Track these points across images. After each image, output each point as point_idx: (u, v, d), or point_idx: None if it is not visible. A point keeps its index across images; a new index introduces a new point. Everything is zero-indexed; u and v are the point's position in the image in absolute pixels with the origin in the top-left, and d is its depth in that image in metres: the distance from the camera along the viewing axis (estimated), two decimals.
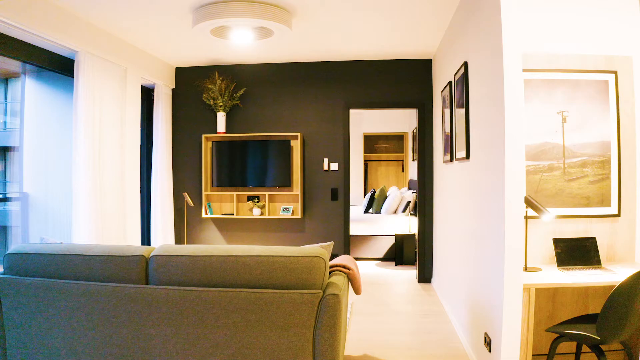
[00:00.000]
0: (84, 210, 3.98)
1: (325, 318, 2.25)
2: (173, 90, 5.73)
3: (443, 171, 4.49)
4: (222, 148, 5.46)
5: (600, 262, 2.82)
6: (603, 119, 2.95)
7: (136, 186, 4.91)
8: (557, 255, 2.84)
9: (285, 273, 2.34)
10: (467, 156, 3.24)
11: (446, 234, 4.34)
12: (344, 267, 2.83)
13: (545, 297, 2.92)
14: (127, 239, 4.70)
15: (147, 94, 5.53)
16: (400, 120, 9.62)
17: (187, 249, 2.48)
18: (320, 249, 2.45)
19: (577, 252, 2.85)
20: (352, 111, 9.67)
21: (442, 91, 4.42)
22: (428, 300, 4.62)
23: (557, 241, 2.87)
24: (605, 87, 2.96)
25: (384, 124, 9.65)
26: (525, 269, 2.71)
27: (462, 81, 3.37)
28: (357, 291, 2.97)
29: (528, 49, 2.87)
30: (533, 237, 2.90)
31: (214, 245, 2.56)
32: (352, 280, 2.88)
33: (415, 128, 5.47)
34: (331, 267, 2.84)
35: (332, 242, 2.80)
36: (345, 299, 2.58)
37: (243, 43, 4.58)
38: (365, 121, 9.69)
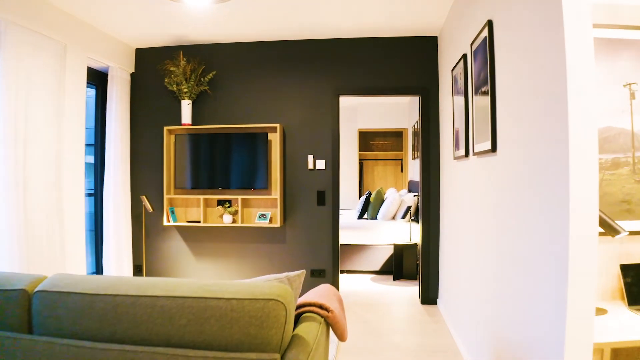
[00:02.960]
0: None
1: None
2: (132, 75, 4.85)
3: (453, 169, 3.63)
4: (187, 143, 4.58)
5: None
6: None
7: (79, 191, 4.02)
8: (627, 288, 1.98)
9: (224, 325, 1.51)
10: (493, 148, 2.37)
11: (457, 247, 3.47)
12: (321, 306, 1.95)
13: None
14: (67, 259, 3.80)
15: (102, 79, 4.64)
16: (399, 115, 8.75)
17: (87, 281, 1.66)
18: (281, 287, 1.59)
19: None
20: (345, 105, 8.86)
21: (452, 70, 3.55)
22: (434, 329, 3.75)
23: (626, 269, 2.00)
24: None
25: (381, 119, 8.78)
26: None
27: (485, 49, 2.51)
28: (341, 337, 2.09)
29: None
30: None
31: (127, 277, 1.68)
32: (334, 325, 2.00)
33: (417, 122, 4.59)
34: (302, 305, 1.97)
35: (303, 271, 1.93)
36: None
37: (199, 5, 3.68)
38: (360, 116, 8.82)
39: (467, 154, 3.04)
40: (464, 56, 3.09)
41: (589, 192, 1.52)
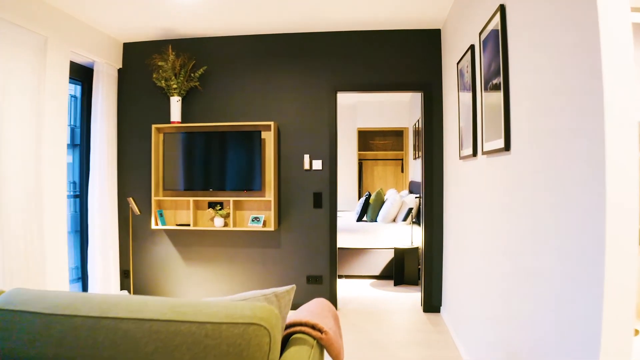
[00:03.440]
0: None
1: None
2: (120, 70, 4.61)
3: (459, 170, 3.39)
4: (176, 142, 4.34)
5: None
6: None
7: (60, 194, 3.78)
8: None
9: (196, 355, 1.34)
10: (507, 147, 2.14)
11: (463, 252, 3.24)
12: (313, 326, 1.71)
13: None
14: (47, 265, 3.56)
15: (89, 75, 4.40)
16: (399, 114, 8.52)
17: (45, 299, 1.50)
18: (264, 309, 1.37)
19: None
20: (344, 103, 8.62)
21: (457, 63, 3.31)
22: (438, 340, 3.51)
23: None
24: None
25: (380, 117, 8.54)
26: None
27: (496, 37, 2.27)
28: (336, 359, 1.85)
29: None
30: None
31: (91, 294, 1.44)
32: (328, 348, 1.76)
33: (418, 120, 4.35)
34: (292, 325, 1.73)
35: (293, 286, 1.69)
36: None
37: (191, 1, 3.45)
38: (359, 115, 8.59)
39: (474, 153, 2.80)
40: (471, 47, 2.86)
41: (628, 197, 1.29)
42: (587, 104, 1.39)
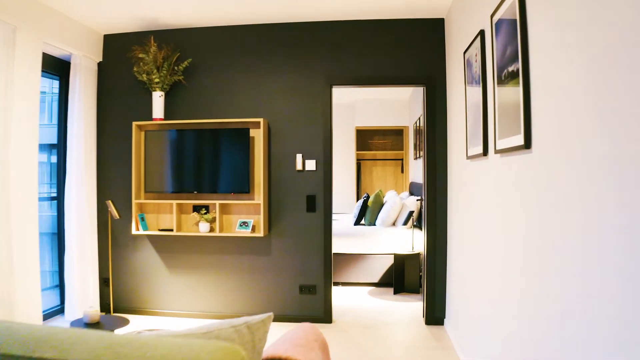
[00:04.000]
0: None
1: None
2: (100, 64, 4.29)
3: (466, 170, 3.07)
4: (158, 140, 4.02)
5: None
6: None
7: (31, 197, 3.46)
8: None
9: None
10: (527, 144, 1.82)
11: (472, 260, 2.92)
12: None
13: None
14: (15, 274, 3.23)
15: (68, 69, 4.07)
16: (399, 112, 8.21)
17: None
18: (227, 351, 1.05)
19: None
20: (342, 102, 8.29)
21: (464, 52, 2.99)
22: (442, 356, 3.19)
23: None
24: None
25: (380, 116, 8.23)
26: None
27: (512, 18, 1.95)
28: None
29: None
30: None
31: (17, 324, 1.09)
32: None
33: (419, 118, 4.04)
34: None
35: (270, 314, 1.37)
36: None
37: None
38: (357, 113, 8.27)
39: (485, 152, 2.48)
40: (481, 33, 2.54)
41: None
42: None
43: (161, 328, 3.66)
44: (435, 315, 3.87)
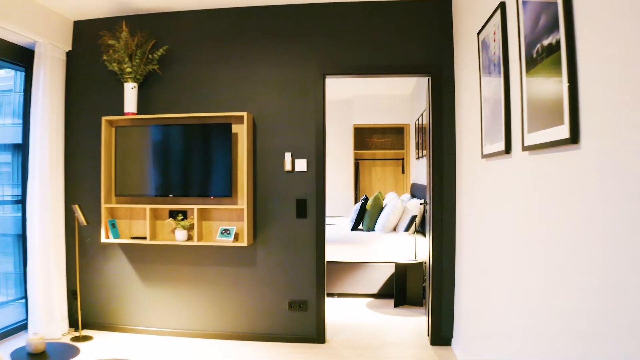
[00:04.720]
0: None
1: None
2: (69, 54, 3.84)
3: (482, 170, 2.63)
4: (131, 137, 3.58)
5: None
6: None
7: None
8: None
9: None
10: (573, 139, 1.38)
11: (488, 274, 2.48)
12: None
13: None
14: None
15: (33, 59, 3.62)
16: (400, 109, 7.77)
17: None
18: None
19: None
20: (339, 98, 7.83)
21: (478, 33, 2.55)
22: None
23: None
24: None
25: (379, 113, 7.79)
26: None
27: None
28: None
29: None
30: None
31: None
32: None
33: (422, 115, 3.61)
34: None
35: None
36: None
37: None
38: (355, 110, 7.84)
39: (507, 150, 2.05)
40: (501, 6, 2.10)
41: None
42: None
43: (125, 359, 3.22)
44: (441, 334, 3.43)
